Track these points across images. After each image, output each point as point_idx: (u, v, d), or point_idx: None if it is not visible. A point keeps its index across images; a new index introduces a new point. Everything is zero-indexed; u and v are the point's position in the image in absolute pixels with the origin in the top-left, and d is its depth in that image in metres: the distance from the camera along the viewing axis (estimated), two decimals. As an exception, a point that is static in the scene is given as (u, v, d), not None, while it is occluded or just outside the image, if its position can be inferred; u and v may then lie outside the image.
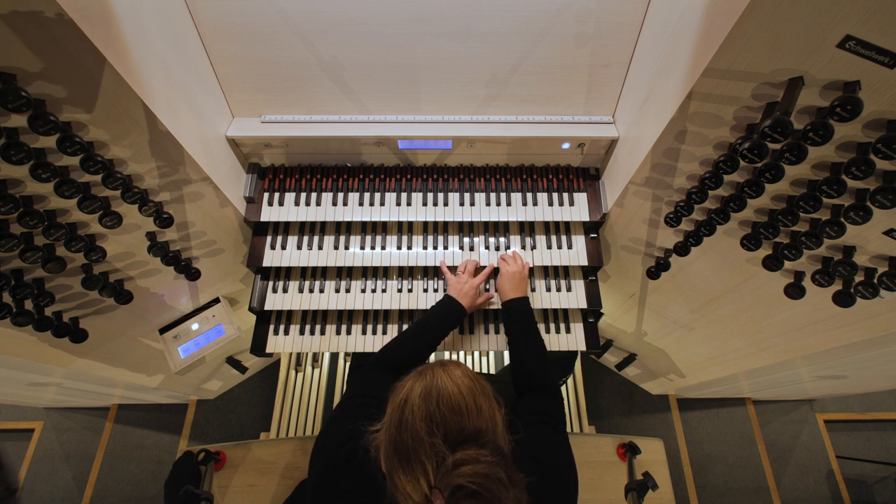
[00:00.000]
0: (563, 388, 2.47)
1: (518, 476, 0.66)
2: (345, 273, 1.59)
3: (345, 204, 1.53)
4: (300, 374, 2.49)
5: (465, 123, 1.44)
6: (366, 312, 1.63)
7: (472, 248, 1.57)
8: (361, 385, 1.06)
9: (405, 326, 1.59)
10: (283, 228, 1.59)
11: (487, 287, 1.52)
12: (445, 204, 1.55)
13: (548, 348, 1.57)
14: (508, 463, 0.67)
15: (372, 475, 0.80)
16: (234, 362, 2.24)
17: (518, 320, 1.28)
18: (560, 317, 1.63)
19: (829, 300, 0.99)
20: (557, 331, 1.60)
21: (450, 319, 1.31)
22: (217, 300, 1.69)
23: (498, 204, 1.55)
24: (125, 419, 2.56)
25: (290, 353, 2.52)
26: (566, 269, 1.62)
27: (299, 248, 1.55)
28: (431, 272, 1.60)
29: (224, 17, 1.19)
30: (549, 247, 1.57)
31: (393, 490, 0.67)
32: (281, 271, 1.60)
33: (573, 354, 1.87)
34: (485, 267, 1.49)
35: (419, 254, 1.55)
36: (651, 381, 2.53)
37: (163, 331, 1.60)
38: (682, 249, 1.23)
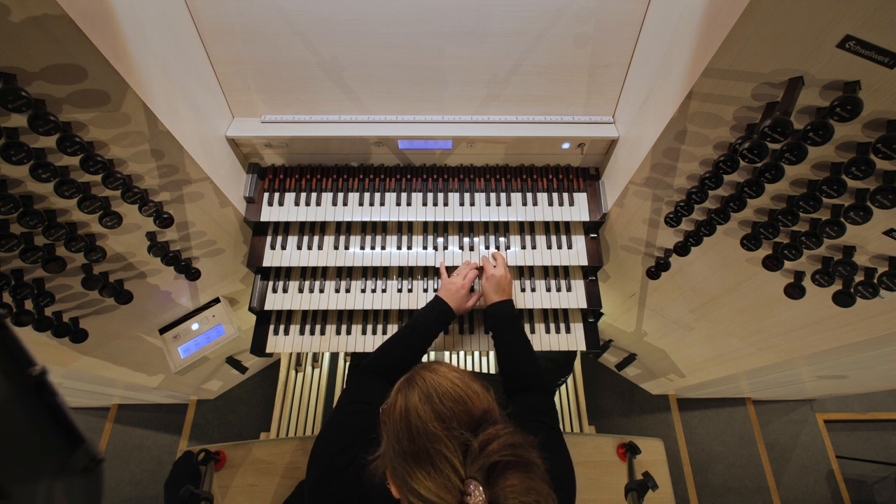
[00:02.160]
0: (562, 388, 2.47)
1: (530, 438, 0.68)
2: (345, 273, 1.59)
3: (345, 204, 1.53)
4: (300, 374, 2.49)
5: (465, 123, 1.44)
6: (366, 312, 1.63)
7: (472, 248, 1.57)
8: (355, 392, 1.05)
9: (405, 326, 1.59)
10: (283, 228, 1.59)
11: (474, 288, 1.50)
12: (445, 204, 1.55)
13: (548, 348, 1.57)
14: (518, 429, 0.69)
15: (367, 484, 0.79)
16: (234, 362, 2.24)
17: (505, 324, 1.27)
18: (560, 317, 1.63)
19: (829, 300, 0.99)
20: (557, 331, 1.60)
21: (438, 321, 1.30)
22: (217, 300, 1.69)
23: (498, 204, 1.55)
24: (125, 419, 2.56)
25: (290, 353, 2.52)
26: (566, 269, 1.62)
27: (299, 248, 1.55)
28: (431, 272, 1.60)
29: (224, 17, 1.19)
30: (549, 247, 1.57)
31: None
32: (281, 271, 1.60)
33: (572, 355, 1.87)
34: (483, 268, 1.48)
35: (419, 254, 1.55)
36: (651, 381, 2.53)
37: (163, 331, 1.60)
38: (682, 249, 1.23)
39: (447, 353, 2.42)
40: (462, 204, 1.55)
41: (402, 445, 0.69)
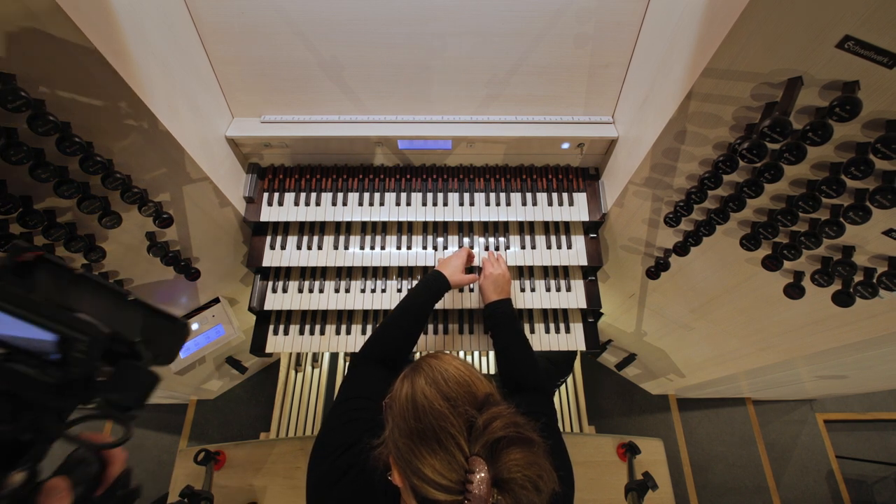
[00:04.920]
0: (562, 388, 2.48)
1: (533, 423, 0.69)
2: (345, 273, 1.59)
3: (344, 204, 1.54)
4: (300, 374, 2.50)
5: (465, 123, 1.44)
6: (366, 312, 1.63)
7: (471, 248, 1.57)
8: (354, 386, 1.04)
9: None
10: (283, 228, 1.59)
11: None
12: (445, 204, 1.55)
13: (548, 348, 1.58)
14: (520, 411, 0.70)
15: (371, 484, 0.79)
16: (234, 362, 2.24)
17: (504, 322, 1.26)
18: (560, 317, 1.63)
19: (829, 300, 0.99)
20: (557, 331, 1.60)
21: (433, 292, 1.28)
22: (217, 300, 1.69)
23: (497, 204, 1.55)
24: (125, 419, 2.56)
25: (290, 353, 2.52)
26: (566, 269, 1.62)
27: (299, 248, 1.55)
28: (431, 272, 1.60)
29: (224, 17, 1.19)
30: (549, 247, 1.57)
31: (422, 489, 0.64)
32: (281, 271, 1.60)
33: (571, 355, 1.87)
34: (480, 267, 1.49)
35: (419, 254, 1.55)
36: (651, 381, 2.53)
37: (163, 331, 1.59)
38: (681, 249, 1.24)
39: (446, 353, 2.42)
40: (462, 204, 1.55)
41: (407, 425, 0.70)
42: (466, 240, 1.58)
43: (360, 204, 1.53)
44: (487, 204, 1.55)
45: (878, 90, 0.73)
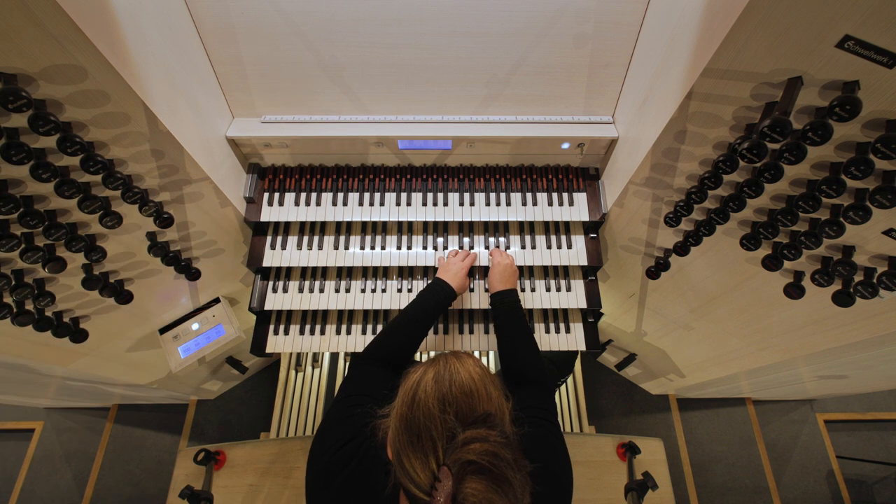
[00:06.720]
0: (562, 388, 2.47)
1: (524, 462, 0.67)
2: (345, 273, 1.59)
3: (345, 204, 1.54)
4: (300, 374, 2.50)
5: (465, 123, 1.44)
6: (366, 312, 1.63)
7: (471, 248, 1.57)
8: (355, 384, 1.04)
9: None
10: (283, 228, 1.59)
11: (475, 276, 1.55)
12: (445, 204, 1.55)
13: (548, 348, 1.58)
14: (515, 447, 0.68)
15: (371, 477, 0.80)
16: (234, 362, 2.24)
17: (508, 312, 1.26)
18: (560, 317, 1.63)
19: (829, 300, 0.99)
20: (557, 331, 1.60)
21: (439, 302, 1.28)
22: (217, 300, 1.69)
23: (498, 204, 1.55)
24: (125, 419, 2.57)
25: (290, 353, 2.53)
26: (566, 269, 1.62)
27: (299, 248, 1.55)
28: (431, 272, 1.60)
29: (224, 17, 1.19)
30: (549, 247, 1.57)
31: (400, 474, 0.67)
32: (281, 271, 1.60)
33: (573, 354, 1.87)
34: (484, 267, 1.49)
35: (419, 254, 1.56)
36: (651, 381, 2.53)
37: (163, 331, 1.60)
38: (681, 249, 1.24)
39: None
40: (462, 204, 1.55)
41: (403, 410, 0.73)
42: (466, 240, 1.58)
43: (361, 204, 1.53)
44: (487, 204, 1.55)
45: (878, 90, 0.73)
